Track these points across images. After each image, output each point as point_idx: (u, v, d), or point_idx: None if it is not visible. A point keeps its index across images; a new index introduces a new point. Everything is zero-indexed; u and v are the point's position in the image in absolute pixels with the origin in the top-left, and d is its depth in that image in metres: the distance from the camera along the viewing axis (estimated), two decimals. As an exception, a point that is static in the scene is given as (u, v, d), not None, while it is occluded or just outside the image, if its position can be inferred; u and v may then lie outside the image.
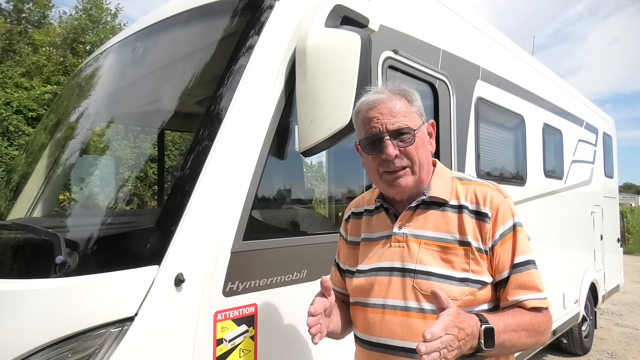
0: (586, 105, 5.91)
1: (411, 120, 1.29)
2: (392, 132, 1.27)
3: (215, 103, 1.76)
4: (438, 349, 0.99)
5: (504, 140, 3.89)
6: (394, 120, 1.27)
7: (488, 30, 3.62)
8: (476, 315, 1.15)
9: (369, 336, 1.34)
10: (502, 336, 1.15)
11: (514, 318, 1.20)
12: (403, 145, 1.27)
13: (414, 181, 1.31)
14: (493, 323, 1.14)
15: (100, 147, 2.96)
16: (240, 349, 1.70)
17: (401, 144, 1.27)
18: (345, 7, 1.95)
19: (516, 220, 1.30)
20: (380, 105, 1.29)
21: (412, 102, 1.32)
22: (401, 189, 1.31)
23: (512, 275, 1.26)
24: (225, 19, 2.06)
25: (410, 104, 1.31)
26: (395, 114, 1.27)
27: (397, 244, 1.33)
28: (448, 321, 1.04)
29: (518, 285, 1.25)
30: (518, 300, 1.25)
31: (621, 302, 8.40)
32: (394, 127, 1.26)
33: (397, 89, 1.33)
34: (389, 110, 1.27)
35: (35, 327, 1.45)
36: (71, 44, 15.16)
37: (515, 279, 1.25)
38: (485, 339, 1.11)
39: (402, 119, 1.27)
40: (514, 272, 1.26)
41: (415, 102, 1.33)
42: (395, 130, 1.26)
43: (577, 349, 5.41)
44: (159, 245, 1.54)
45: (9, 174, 3.36)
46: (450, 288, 1.23)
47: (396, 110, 1.27)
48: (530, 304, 1.24)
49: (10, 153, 10.16)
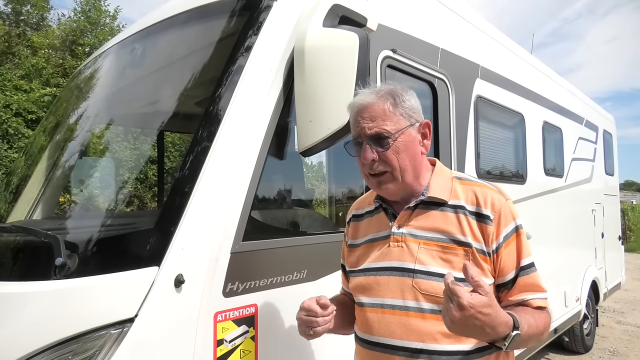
0: (586, 103, 5.91)
1: (393, 123, 1.27)
2: (369, 137, 1.28)
3: (214, 103, 1.76)
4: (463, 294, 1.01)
5: (503, 139, 3.88)
6: (372, 124, 1.27)
7: (487, 28, 3.62)
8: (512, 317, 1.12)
9: (368, 335, 1.35)
10: (523, 337, 1.14)
11: (533, 319, 1.20)
12: (381, 149, 1.27)
13: (396, 186, 1.31)
14: (521, 328, 1.12)
15: (100, 149, 2.96)
16: (241, 350, 1.70)
17: (380, 148, 1.28)
18: (343, 6, 1.94)
19: (518, 222, 1.31)
20: (363, 108, 1.29)
21: (399, 104, 1.29)
22: (387, 191, 1.34)
23: (520, 278, 1.28)
24: (223, 20, 2.06)
25: (395, 106, 1.28)
26: (375, 118, 1.27)
27: (396, 243, 1.33)
28: (486, 300, 1.03)
29: (525, 287, 1.28)
30: (523, 300, 1.27)
31: (623, 300, 8.40)
32: (371, 132, 1.27)
33: (385, 90, 1.31)
34: (369, 114, 1.28)
35: (36, 329, 1.45)
36: (70, 46, 15.15)
37: (523, 281, 1.28)
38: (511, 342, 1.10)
39: (381, 123, 1.26)
40: (521, 274, 1.28)
41: (404, 103, 1.30)
42: (373, 136, 1.27)
43: (579, 347, 5.41)
44: (159, 246, 1.54)
45: (9, 176, 3.36)
46: None
47: (376, 114, 1.27)
48: (536, 303, 1.27)
49: (10, 156, 10.14)
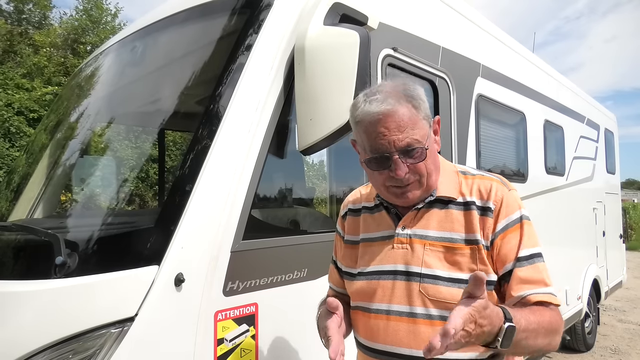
0: (587, 102, 5.89)
1: (420, 130, 1.16)
2: (401, 150, 1.15)
3: (214, 102, 1.76)
4: (448, 345, 0.91)
5: (505, 137, 3.87)
6: (402, 136, 1.14)
7: (488, 27, 3.60)
8: (501, 309, 1.03)
9: (373, 343, 1.27)
10: (520, 335, 1.04)
11: (534, 315, 1.10)
12: (413, 161, 1.16)
13: (422, 191, 1.23)
14: (516, 320, 1.02)
15: (101, 148, 2.96)
16: (241, 349, 1.70)
17: (411, 160, 1.16)
18: (344, 4, 1.94)
19: (523, 212, 1.22)
20: (385, 118, 1.14)
21: (419, 107, 1.18)
22: (409, 200, 1.24)
23: (516, 269, 1.17)
24: (224, 18, 2.05)
25: (417, 110, 1.17)
26: (404, 128, 1.14)
27: (401, 245, 1.26)
28: (469, 315, 0.93)
29: (522, 280, 1.16)
30: (522, 296, 1.15)
31: (624, 299, 8.39)
32: (403, 143, 1.14)
33: (401, 93, 1.17)
34: (396, 124, 1.14)
35: (36, 328, 1.45)
36: (72, 45, 15.18)
37: (520, 273, 1.16)
38: (504, 338, 0.99)
39: (411, 133, 1.14)
40: (518, 265, 1.17)
41: (422, 105, 1.20)
42: (404, 148, 1.15)
43: (580, 346, 5.40)
44: (159, 245, 1.54)
45: (10, 175, 3.36)
46: (459, 292, 1.10)
47: (404, 124, 1.14)
48: (534, 298, 1.15)
49: (12, 154, 10.17)
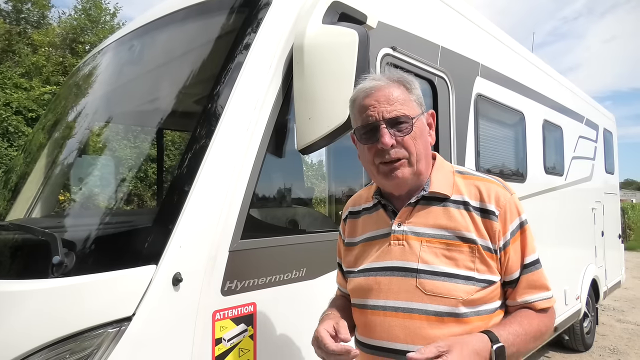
0: (586, 102, 5.90)
1: (409, 108, 1.22)
2: (389, 120, 1.20)
3: (213, 101, 1.75)
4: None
5: (503, 137, 3.87)
6: (390, 108, 1.20)
7: (487, 26, 3.60)
8: (486, 334, 1.12)
9: (369, 339, 1.28)
10: (511, 349, 1.13)
11: (521, 327, 1.18)
12: (400, 134, 1.20)
13: (411, 173, 1.24)
14: (503, 339, 1.12)
15: (99, 147, 2.96)
16: (239, 348, 1.69)
17: (398, 133, 1.20)
18: (343, 3, 1.94)
19: (523, 218, 1.26)
20: (377, 92, 1.22)
21: (411, 90, 1.25)
22: (398, 180, 1.24)
23: (523, 276, 1.24)
24: (223, 17, 2.05)
25: (408, 92, 1.24)
26: (393, 102, 1.20)
27: (397, 242, 1.27)
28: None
29: (528, 286, 1.24)
30: (527, 302, 1.23)
31: (622, 298, 8.39)
32: (390, 115, 1.20)
33: (395, 76, 1.26)
34: (385, 97, 1.21)
35: (33, 327, 1.44)
36: (70, 44, 15.15)
37: (526, 279, 1.24)
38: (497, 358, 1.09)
39: (400, 107, 1.20)
40: (525, 272, 1.24)
41: (414, 90, 1.26)
42: (392, 119, 1.20)
43: (579, 346, 5.40)
44: (157, 244, 1.53)
45: (8, 174, 3.36)
46: (456, 287, 1.18)
47: (393, 98, 1.21)
48: (540, 305, 1.24)
49: (10, 154, 10.15)
